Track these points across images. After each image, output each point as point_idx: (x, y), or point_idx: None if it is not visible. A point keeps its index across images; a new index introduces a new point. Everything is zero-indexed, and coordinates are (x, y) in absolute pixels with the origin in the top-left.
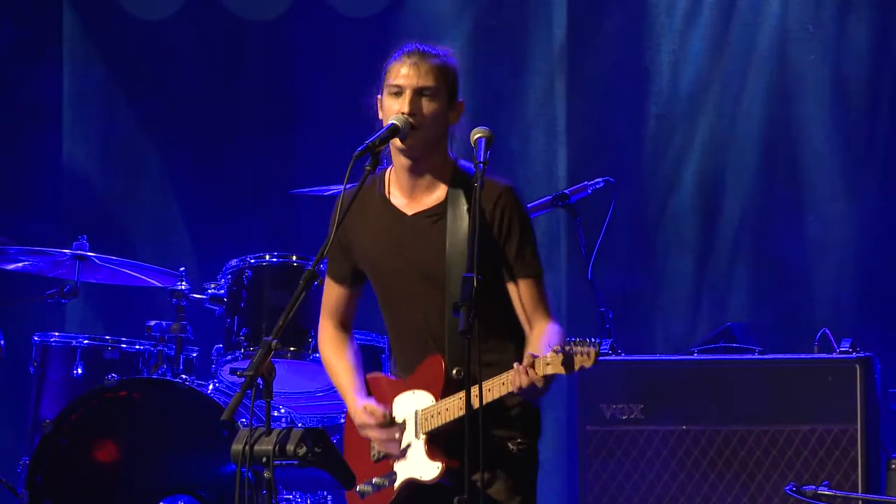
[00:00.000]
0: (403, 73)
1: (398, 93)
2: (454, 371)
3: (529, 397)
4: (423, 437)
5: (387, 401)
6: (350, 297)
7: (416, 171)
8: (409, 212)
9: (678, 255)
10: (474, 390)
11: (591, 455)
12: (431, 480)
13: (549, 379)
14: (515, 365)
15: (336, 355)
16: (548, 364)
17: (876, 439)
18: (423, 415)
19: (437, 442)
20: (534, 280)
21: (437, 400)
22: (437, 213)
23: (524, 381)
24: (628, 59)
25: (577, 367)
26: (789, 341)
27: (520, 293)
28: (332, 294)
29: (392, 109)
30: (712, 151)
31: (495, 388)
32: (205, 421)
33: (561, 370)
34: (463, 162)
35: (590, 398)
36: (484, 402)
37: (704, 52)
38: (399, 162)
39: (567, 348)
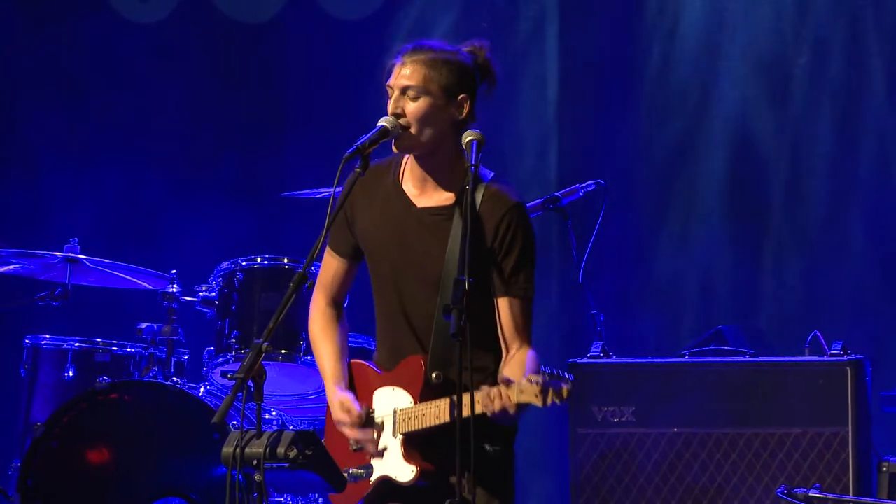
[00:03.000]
0: (393, 72)
1: (390, 94)
2: (433, 375)
3: (499, 421)
4: (400, 437)
5: (368, 391)
6: (347, 272)
7: (424, 165)
8: (419, 204)
9: (669, 258)
10: (459, 396)
11: (582, 458)
12: (406, 483)
13: (521, 407)
14: (485, 388)
15: (323, 335)
16: (521, 392)
17: (867, 442)
18: (401, 415)
19: (414, 444)
20: (522, 301)
21: (415, 402)
22: (445, 214)
23: (497, 406)
24: (620, 60)
25: (549, 401)
26: (780, 344)
27: (507, 310)
28: (331, 267)
29: (386, 109)
30: (705, 154)
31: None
32: (196, 423)
33: (534, 401)
34: (482, 169)
35: (581, 401)
36: (464, 415)
37: (697, 54)
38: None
39: (543, 380)
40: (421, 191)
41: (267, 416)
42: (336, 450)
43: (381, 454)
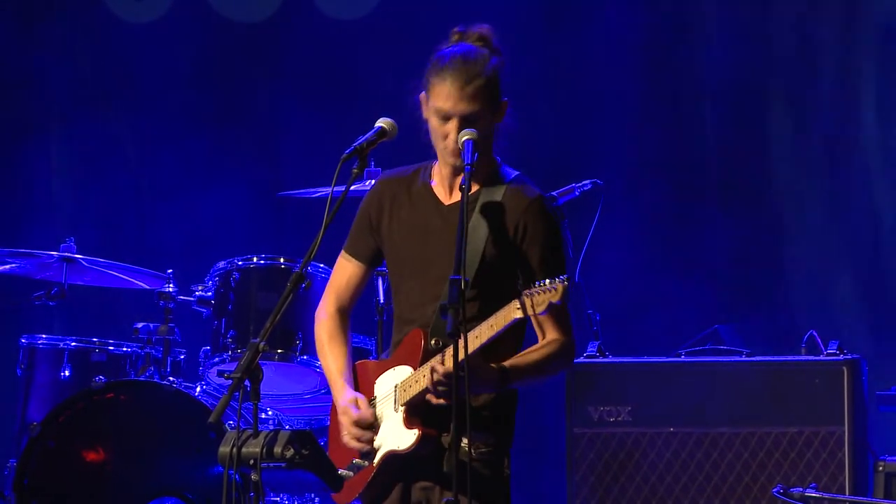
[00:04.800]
0: (450, 97)
1: (446, 117)
2: (433, 341)
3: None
4: (401, 409)
5: (369, 385)
6: (361, 278)
7: (457, 169)
8: (447, 202)
9: (665, 258)
10: (465, 347)
11: (578, 457)
12: (408, 448)
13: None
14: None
15: (332, 342)
16: (514, 308)
17: (863, 441)
18: (401, 387)
19: (415, 412)
20: None
21: (415, 370)
22: (469, 206)
23: (495, 329)
24: (615, 59)
25: (543, 306)
26: (777, 343)
27: None
28: (345, 272)
29: (439, 132)
30: (701, 153)
31: (483, 332)
32: (192, 423)
33: (522, 312)
34: (507, 167)
35: (578, 400)
36: (471, 349)
37: (692, 51)
38: (444, 160)
39: (534, 290)
40: (450, 190)
41: (263, 416)
42: (340, 445)
43: (384, 434)
